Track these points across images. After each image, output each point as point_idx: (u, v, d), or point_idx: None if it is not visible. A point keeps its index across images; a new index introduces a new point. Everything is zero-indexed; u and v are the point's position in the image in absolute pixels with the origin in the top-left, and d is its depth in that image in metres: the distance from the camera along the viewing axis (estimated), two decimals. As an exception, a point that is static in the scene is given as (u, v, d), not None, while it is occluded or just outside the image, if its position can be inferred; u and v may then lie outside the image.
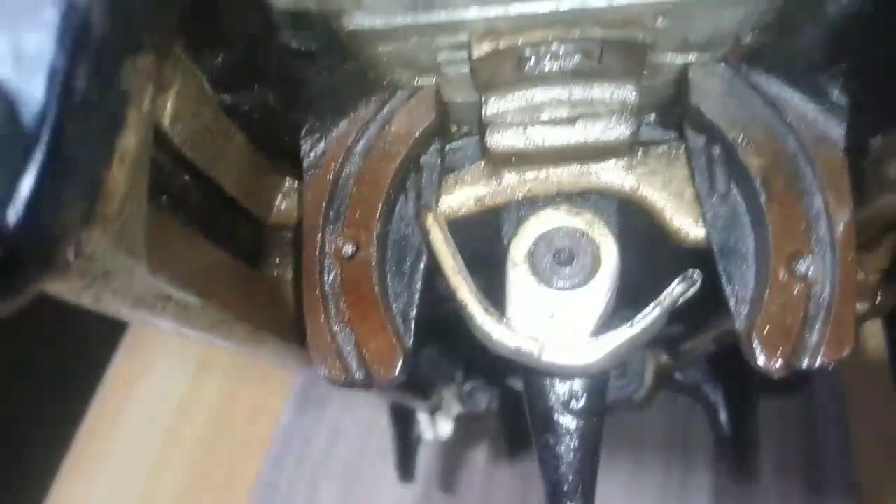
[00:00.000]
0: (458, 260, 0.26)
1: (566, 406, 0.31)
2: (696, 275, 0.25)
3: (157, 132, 0.23)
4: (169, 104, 0.22)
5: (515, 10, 0.24)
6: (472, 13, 0.25)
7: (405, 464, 0.74)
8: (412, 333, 0.28)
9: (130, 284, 0.19)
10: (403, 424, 0.72)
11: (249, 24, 0.23)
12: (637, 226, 0.31)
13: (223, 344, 0.26)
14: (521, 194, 0.30)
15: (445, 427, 0.71)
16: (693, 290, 0.25)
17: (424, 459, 0.80)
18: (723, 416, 0.67)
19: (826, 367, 0.25)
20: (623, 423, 0.81)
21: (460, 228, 0.31)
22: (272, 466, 0.79)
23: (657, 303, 0.25)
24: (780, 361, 0.25)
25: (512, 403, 0.67)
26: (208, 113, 0.25)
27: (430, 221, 0.27)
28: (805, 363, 0.25)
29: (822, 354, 0.25)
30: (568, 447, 0.32)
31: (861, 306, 0.30)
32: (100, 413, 0.84)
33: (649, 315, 0.25)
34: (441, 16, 0.25)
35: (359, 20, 0.24)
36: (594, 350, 0.25)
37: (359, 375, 0.26)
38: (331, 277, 0.27)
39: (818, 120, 0.27)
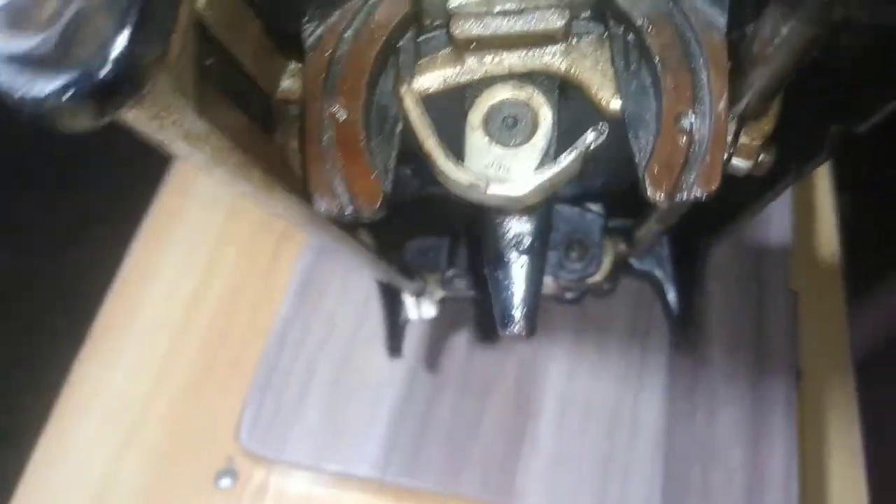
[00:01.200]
0: (424, 120, 0.34)
1: (515, 246, 0.40)
2: (603, 126, 0.33)
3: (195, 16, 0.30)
4: (202, -5, 0.30)
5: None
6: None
7: (394, 341, 0.83)
8: (391, 180, 0.36)
9: (182, 119, 0.27)
10: (392, 304, 0.81)
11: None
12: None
13: (244, 187, 0.34)
14: (479, 75, 0.38)
15: (430, 309, 0.80)
16: (602, 137, 0.33)
17: (411, 341, 0.89)
18: (671, 297, 0.76)
19: (699, 199, 0.33)
20: (589, 313, 0.91)
21: (434, 107, 0.38)
22: (274, 349, 0.88)
23: (573, 148, 0.33)
24: (663, 194, 0.33)
25: (489, 292, 0.76)
26: (231, 2, 0.32)
27: (404, 90, 0.34)
28: (683, 196, 0.33)
29: (695, 189, 0.33)
30: (516, 280, 0.40)
31: (745, 163, 0.38)
32: (114, 308, 0.93)
33: (568, 156, 0.33)
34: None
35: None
36: (526, 183, 0.33)
37: (349, 209, 0.34)
38: (327, 136, 0.35)
39: (707, 10, 0.34)
